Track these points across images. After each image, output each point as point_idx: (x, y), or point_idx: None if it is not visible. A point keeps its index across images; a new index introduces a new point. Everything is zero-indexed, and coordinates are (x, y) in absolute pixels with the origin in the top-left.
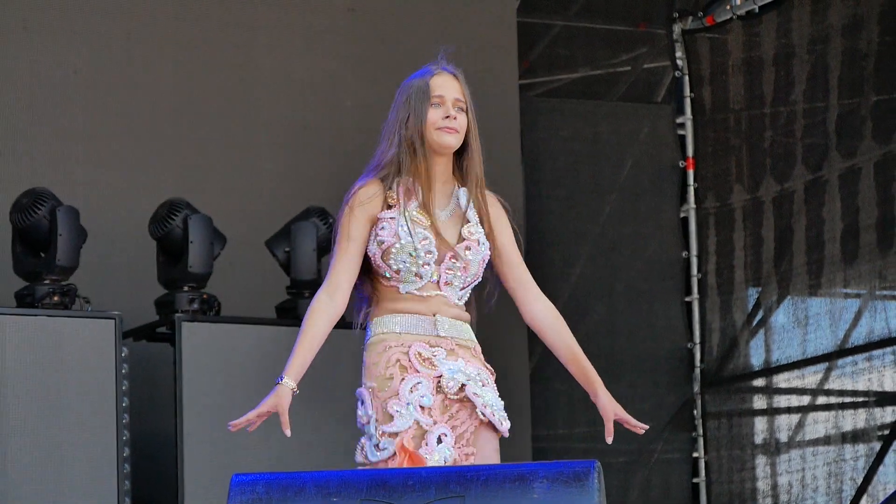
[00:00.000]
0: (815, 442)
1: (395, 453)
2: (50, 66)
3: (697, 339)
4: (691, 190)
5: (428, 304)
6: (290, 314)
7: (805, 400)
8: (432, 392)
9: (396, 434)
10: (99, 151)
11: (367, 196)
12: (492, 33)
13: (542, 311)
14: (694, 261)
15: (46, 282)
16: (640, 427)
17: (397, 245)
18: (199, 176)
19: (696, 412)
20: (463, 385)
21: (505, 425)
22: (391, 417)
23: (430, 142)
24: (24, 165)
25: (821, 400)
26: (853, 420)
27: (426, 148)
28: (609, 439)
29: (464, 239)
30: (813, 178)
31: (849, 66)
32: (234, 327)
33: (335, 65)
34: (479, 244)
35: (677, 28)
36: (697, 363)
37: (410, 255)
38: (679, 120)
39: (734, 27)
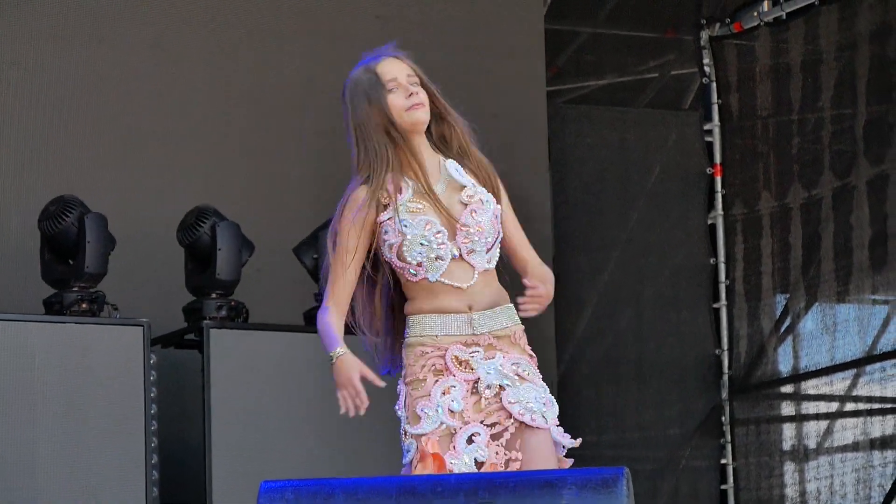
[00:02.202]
0: (843, 448)
1: (415, 453)
2: (78, 72)
3: (725, 345)
4: (719, 196)
5: (462, 296)
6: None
7: (833, 406)
8: (465, 396)
9: (421, 436)
10: (127, 159)
11: (359, 204)
12: (519, 40)
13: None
14: (722, 267)
15: (75, 289)
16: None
17: (406, 241)
18: (226, 183)
19: (724, 419)
20: (500, 387)
21: (551, 417)
22: (418, 419)
23: (401, 126)
24: (52, 173)
25: (849, 406)
26: (882, 426)
27: (400, 134)
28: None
29: (465, 205)
30: (841, 185)
31: (876, 72)
32: (261, 334)
33: None
34: (483, 203)
35: (705, 35)
36: (725, 370)
37: (422, 244)
38: (707, 127)
39: (762, 34)
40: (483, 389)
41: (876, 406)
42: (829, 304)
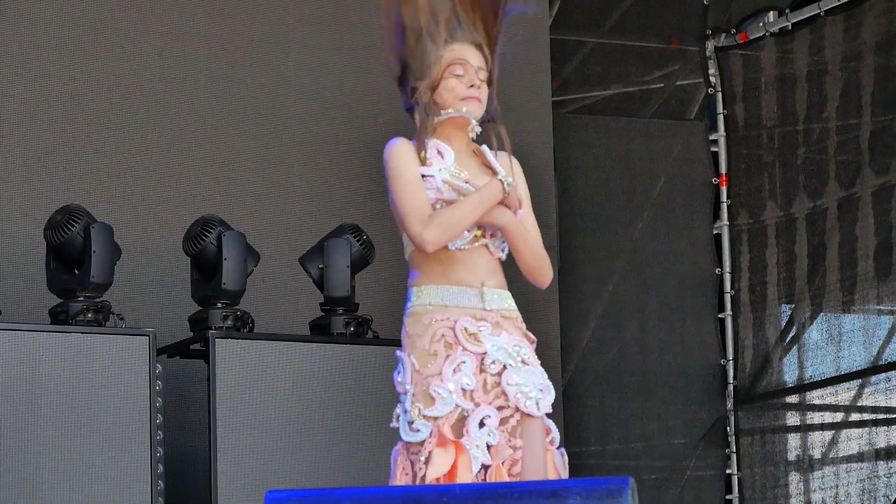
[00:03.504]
0: (848, 458)
1: (430, 437)
2: (83, 83)
3: (730, 355)
4: (724, 206)
5: (475, 272)
6: (324, 331)
7: (838, 416)
8: (475, 372)
9: (435, 419)
10: (132, 168)
11: (408, 149)
12: (524, 50)
13: None
14: (727, 277)
15: (80, 299)
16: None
17: (441, 201)
18: (232, 193)
19: (730, 429)
20: (504, 366)
21: (543, 405)
22: (432, 400)
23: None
24: (58, 182)
25: (854, 416)
26: (887, 437)
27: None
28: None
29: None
30: (846, 195)
31: (881, 82)
32: (267, 344)
33: (368, 81)
34: (515, 189)
35: (710, 45)
36: (730, 380)
37: None
38: (712, 137)
39: (767, 44)
40: (489, 365)
41: (881, 416)
42: (835, 314)
